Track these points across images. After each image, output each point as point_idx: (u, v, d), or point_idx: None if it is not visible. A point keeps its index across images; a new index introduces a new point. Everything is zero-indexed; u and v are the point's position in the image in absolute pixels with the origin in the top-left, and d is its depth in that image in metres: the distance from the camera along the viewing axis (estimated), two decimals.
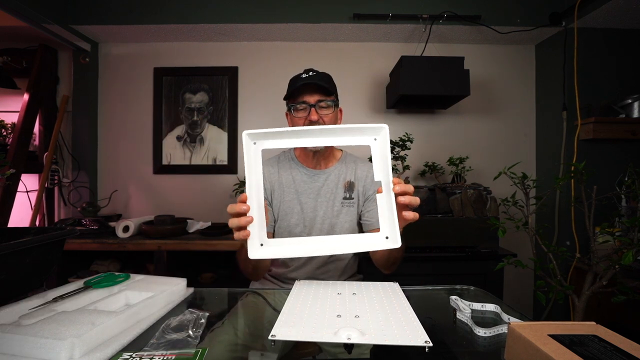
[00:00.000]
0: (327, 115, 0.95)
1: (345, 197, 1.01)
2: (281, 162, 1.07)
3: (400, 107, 2.02)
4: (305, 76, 0.95)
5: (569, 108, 1.76)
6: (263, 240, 0.66)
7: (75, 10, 1.78)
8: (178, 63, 2.04)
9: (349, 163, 1.06)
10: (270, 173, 1.04)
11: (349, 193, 1.01)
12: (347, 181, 1.02)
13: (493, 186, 1.64)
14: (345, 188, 1.02)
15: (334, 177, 1.03)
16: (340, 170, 1.04)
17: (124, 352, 0.49)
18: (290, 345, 0.59)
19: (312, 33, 1.92)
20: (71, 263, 1.73)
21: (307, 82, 0.92)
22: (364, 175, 1.03)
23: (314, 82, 0.92)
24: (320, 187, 1.02)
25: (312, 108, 0.93)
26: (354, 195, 1.01)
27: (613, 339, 0.45)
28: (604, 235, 1.40)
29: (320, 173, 1.03)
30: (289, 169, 1.04)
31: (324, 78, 0.96)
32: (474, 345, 0.57)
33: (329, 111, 0.95)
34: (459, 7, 1.74)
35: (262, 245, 0.65)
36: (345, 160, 1.07)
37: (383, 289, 0.71)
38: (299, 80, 0.95)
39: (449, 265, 1.56)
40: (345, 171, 1.03)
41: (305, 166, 1.04)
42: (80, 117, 2.00)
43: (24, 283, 0.67)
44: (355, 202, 1.01)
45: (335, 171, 1.03)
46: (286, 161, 1.07)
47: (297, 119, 0.96)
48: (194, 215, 1.96)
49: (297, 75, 0.98)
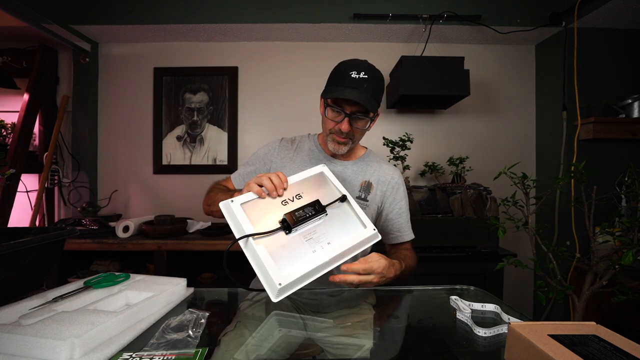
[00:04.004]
0: (360, 128, 0.88)
1: (359, 196, 0.95)
2: (300, 146, 1.02)
3: (400, 107, 2.02)
4: (355, 77, 0.82)
5: (569, 108, 1.76)
6: (281, 280, 0.62)
7: (75, 10, 1.78)
8: (178, 63, 2.04)
9: (370, 162, 1.00)
10: (282, 157, 1.00)
11: (364, 194, 0.95)
12: (364, 181, 0.96)
13: (493, 186, 1.64)
14: (361, 187, 0.96)
15: (351, 172, 0.97)
16: (360, 167, 0.98)
17: (124, 352, 0.49)
18: (292, 345, 0.59)
19: (312, 33, 1.92)
20: (71, 263, 1.73)
21: (353, 97, 0.80)
22: (387, 180, 0.97)
23: (360, 102, 0.80)
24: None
25: (346, 117, 0.85)
26: (370, 198, 0.95)
27: (613, 339, 0.45)
28: (604, 235, 1.40)
29: (338, 163, 0.98)
30: (307, 150, 1.00)
31: (373, 94, 0.83)
32: (474, 345, 0.57)
33: (363, 124, 0.88)
34: (459, 7, 1.74)
35: (280, 285, 0.62)
36: (367, 159, 1.01)
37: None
38: (345, 77, 0.83)
39: (449, 265, 1.56)
40: (365, 169, 0.98)
41: (325, 152, 1.00)
42: (80, 117, 2.00)
43: (24, 283, 0.67)
44: (369, 204, 0.95)
45: (354, 167, 0.98)
46: (305, 143, 1.02)
47: (328, 119, 0.89)
48: (194, 215, 1.96)
49: (346, 68, 0.85)
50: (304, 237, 0.70)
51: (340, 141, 0.89)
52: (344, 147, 0.91)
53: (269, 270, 0.62)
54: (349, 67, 0.85)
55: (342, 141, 0.89)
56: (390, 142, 1.74)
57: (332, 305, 0.80)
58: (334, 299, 0.83)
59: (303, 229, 0.71)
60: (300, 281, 0.65)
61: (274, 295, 0.63)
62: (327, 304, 0.80)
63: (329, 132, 0.90)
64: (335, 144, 0.90)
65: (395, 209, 0.97)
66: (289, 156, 1.00)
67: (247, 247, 0.66)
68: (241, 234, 0.65)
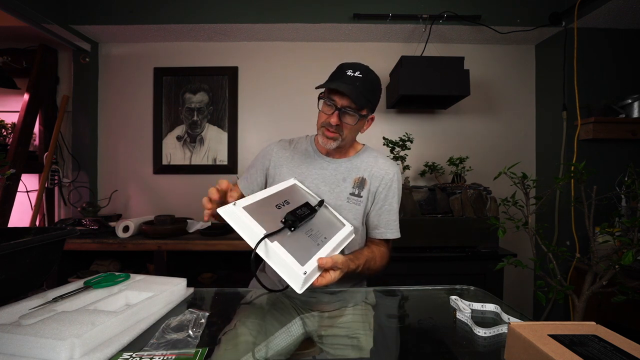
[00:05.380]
0: (349, 123, 0.90)
1: (353, 193, 0.96)
2: (297, 146, 1.05)
3: (400, 107, 2.02)
4: (350, 75, 0.87)
5: (568, 108, 1.76)
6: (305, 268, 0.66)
7: (75, 10, 1.78)
8: (178, 63, 2.04)
9: (365, 158, 1.00)
10: (280, 156, 1.02)
11: (358, 190, 0.96)
12: (358, 177, 0.97)
13: (493, 186, 1.64)
14: (355, 184, 0.96)
15: (344, 169, 0.98)
16: (354, 164, 0.99)
17: (124, 352, 0.49)
18: (291, 345, 0.59)
19: (312, 33, 1.92)
20: (71, 263, 1.73)
21: (343, 89, 0.84)
22: (380, 176, 0.97)
23: (348, 95, 0.84)
24: (327, 175, 0.98)
25: (336, 111, 0.88)
26: (363, 194, 0.96)
27: (613, 339, 0.45)
28: (604, 235, 1.40)
29: (331, 161, 0.99)
30: (304, 150, 1.03)
31: (364, 92, 0.87)
32: (474, 345, 0.57)
33: (352, 120, 0.89)
34: (459, 7, 1.74)
35: (305, 274, 0.65)
36: (362, 155, 1.01)
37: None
38: (342, 75, 0.88)
39: (449, 265, 1.56)
40: (359, 166, 0.98)
41: (319, 152, 1.01)
42: (80, 117, 2.00)
43: (24, 283, 0.67)
44: (363, 200, 0.96)
45: (348, 164, 0.99)
46: (302, 144, 1.05)
47: (321, 112, 0.92)
48: (194, 215, 1.96)
49: (344, 67, 0.89)
50: (305, 233, 0.74)
51: (329, 135, 0.91)
52: (333, 142, 0.92)
53: (290, 263, 0.64)
54: (347, 66, 0.89)
55: (331, 136, 0.91)
56: (390, 142, 1.74)
57: (332, 305, 0.80)
58: (334, 299, 0.83)
59: (303, 226, 0.75)
60: (316, 271, 0.70)
61: (299, 286, 0.64)
62: (327, 303, 0.81)
63: (321, 126, 0.93)
64: (324, 138, 0.92)
65: (386, 204, 0.97)
66: (287, 155, 1.03)
67: (262, 247, 0.67)
68: (253, 235, 0.67)
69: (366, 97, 0.87)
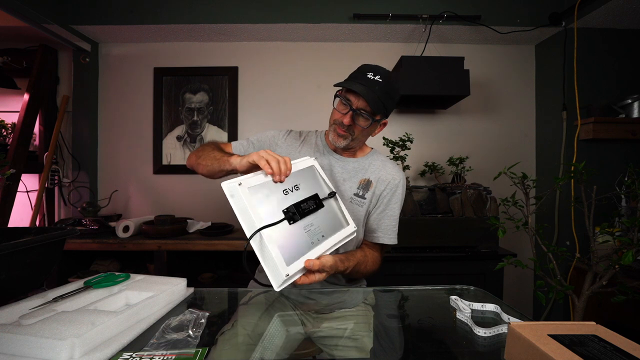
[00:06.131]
0: (361, 126, 0.89)
1: (357, 193, 0.96)
2: (307, 139, 1.05)
3: (400, 107, 2.02)
4: (371, 77, 0.85)
5: (568, 108, 1.76)
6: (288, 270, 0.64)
7: (75, 10, 1.78)
8: (178, 63, 2.04)
9: (373, 161, 1.00)
10: (289, 145, 1.03)
11: (362, 191, 0.96)
12: (364, 178, 0.97)
13: (493, 186, 1.64)
14: (360, 185, 0.97)
15: (352, 168, 0.98)
16: (361, 164, 0.99)
17: (124, 352, 0.49)
18: (291, 345, 0.59)
19: (312, 33, 1.92)
20: (71, 263, 1.73)
21: (361, 92, 0.83)
22: (387, 180, 0.97)
23: (365, 98, 0.83)
24: (333, 172, 0.98)
25: (350, 111, 0.87)
26: (367, 196, 0.96)
27: (613, 339, 0.45)
28: (604, 235, 1.40)
29: (339, 159, 0.99)
30: (313, 144, 1.03)
31: (382, 97, 0.85)
32: (474, 345, 0.57)
33: (365, 123, 0.89)
34: (459, 7, 1.74)
35: (287, 276, 0.64)
36: (370, 158, 1.01)
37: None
38: (362, 76, 0.86)
39: (449, 265, 1.56)
40: (366, 167, 0.99)
41: (329, 147, 1.01)
42: (80, 117, 2.00)
43: (24, 283, 0.67)
44: (366, 202, 0.96)
45: (355, 164, 0.99)
46: (312, 138, 1.05)
47: (336, 110, 0.92)
48: (194, 215, 1.96)
49: (365, 68, 0.88)
50: (303, 228, 0.72)
51: (340, 133, 0.91)
52: (343, 140, 0.92)
53: (276, 260, 0.63)
54: (368, 68, 0.88)
55: (341, 134, 0.91)
56: (390, 142, 1.74)
57: (332, 305, 0.80)
58: (334, 299, 0.83)
59: (304, 220, 0.73)
60: (301, 272, 0.68)
61: (277, 284, 0.64)
62: (327, 303, 0.81)
63: (333, 123, 0.93)
64: (335, 135, 0.92)
65: (387, 209, 0.97)
66: (296, 145, 1.03)
67: (255, 238, 0.66)
68: (250, 224, 0.65)
69: (383, 102, 0.86)
